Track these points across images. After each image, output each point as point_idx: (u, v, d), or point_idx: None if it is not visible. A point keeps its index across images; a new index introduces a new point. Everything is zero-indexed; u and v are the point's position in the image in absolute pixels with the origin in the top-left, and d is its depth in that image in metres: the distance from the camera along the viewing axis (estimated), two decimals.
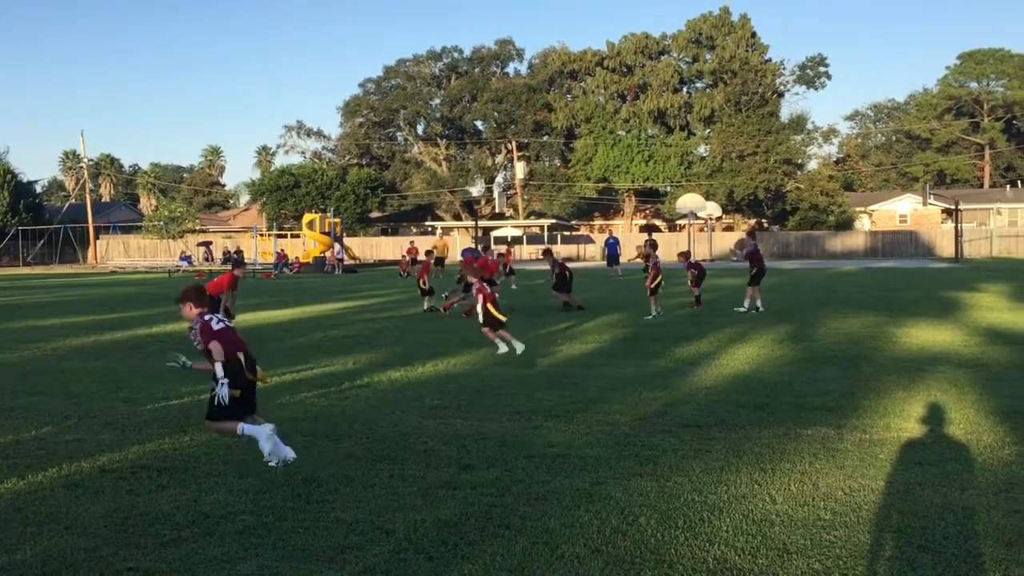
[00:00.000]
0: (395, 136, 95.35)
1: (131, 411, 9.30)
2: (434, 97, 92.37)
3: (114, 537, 5.33)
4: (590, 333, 16.18)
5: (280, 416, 8.84)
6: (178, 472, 6.80)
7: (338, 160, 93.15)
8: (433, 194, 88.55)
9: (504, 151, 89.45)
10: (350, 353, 13.80)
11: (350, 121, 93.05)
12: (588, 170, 78.14)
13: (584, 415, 8.78)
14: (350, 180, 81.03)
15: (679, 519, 5.54)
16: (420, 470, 6.79)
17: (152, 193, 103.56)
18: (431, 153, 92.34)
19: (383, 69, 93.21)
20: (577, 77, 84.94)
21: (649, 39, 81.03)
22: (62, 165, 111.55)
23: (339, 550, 5.07)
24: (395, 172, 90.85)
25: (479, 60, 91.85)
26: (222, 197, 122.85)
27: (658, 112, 78.01)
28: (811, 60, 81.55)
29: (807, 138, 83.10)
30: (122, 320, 20.08)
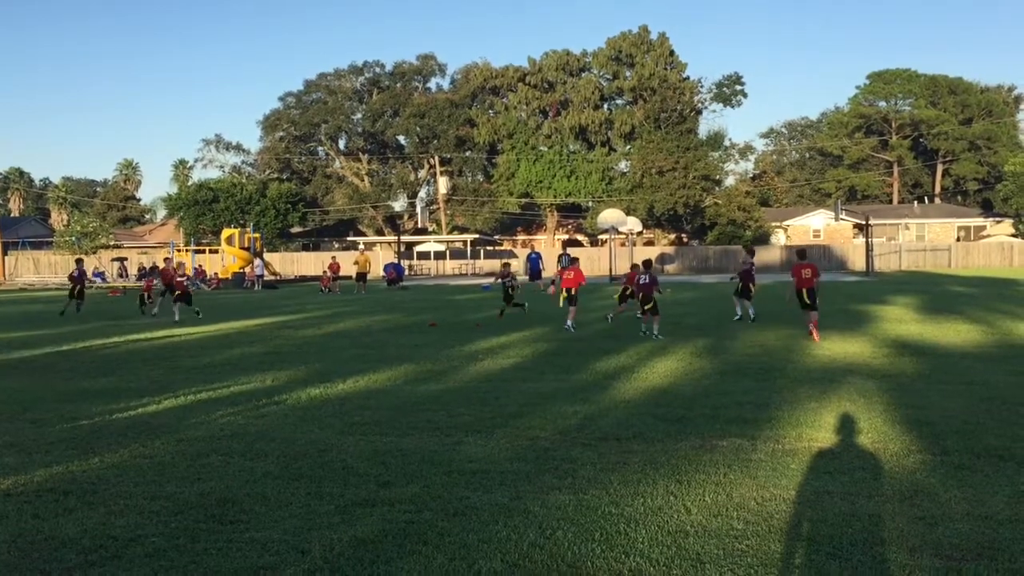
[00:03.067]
0: (316, 151, 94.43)
1: (38, 432, 9.02)
2: (356, 111, 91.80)
3: (17, 563, 5.16)
4: (511, 347, 16.22)
5: (195, 435, 8.68)
6: (86, 495, 6.61)
7: (258, 174, 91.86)
8: (355, 209, 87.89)
9: (427, 166, 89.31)
10: (268, 370, 13.60)
11: (270, 135, 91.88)
12: (511, 185, 78.47)
13: (504, 430, 8.80)
14: (270, 195, 79.96)
15: (596, 532, 5.58)
16: (338, 487, 6.72)
17: (64, 208, 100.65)
18: (353, 168, 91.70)
19: (304, 83, 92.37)
20: (499, 93, 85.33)
21: (570, 56, 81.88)
22: None
23: (253, 571, 5.00)
24: (316, 187, 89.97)
25: (401, 75, 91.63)
26: (138, 212, 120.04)
27: (579, 128, 78.80)
28: (728, 78, 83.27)
29: (724, 155, 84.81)
30: (31, 339, 19.46)
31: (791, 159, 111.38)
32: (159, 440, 8.49)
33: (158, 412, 10.11)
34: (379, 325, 21.88)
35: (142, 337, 19.42)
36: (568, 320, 19.17)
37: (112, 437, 8.70)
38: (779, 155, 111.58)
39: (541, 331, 19.12)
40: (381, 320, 23.39)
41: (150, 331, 20.77)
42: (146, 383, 12.44)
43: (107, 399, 11.02)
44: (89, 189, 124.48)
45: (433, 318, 22.87)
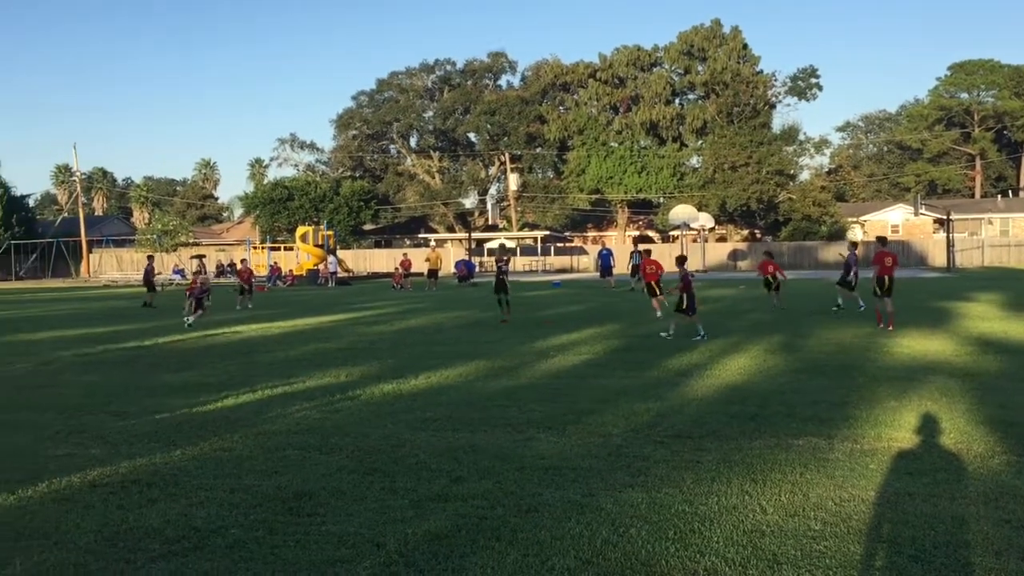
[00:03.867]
0: (388, 148, 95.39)
1: (122, 425, 9.28)
2: (427, 110, 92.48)
3: (104, 552, 5.32)
4: (583, 344, 16.18)
5: (272, 429, 8.84)
6: (168, 486, 6.78)
7: (331, 173, 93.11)
8: (426, 206, 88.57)
9: (497, 163, 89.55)
10: (342, 366, 13.78)
11: (343, 134, 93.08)
12: (581, 181, 78.26)
13: (576, 427, 8.78)
14: (343, 193, 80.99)
15: (670, 530, 5.54)
16: (412, 482, 6.78)
17: (145, 207, 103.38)
18: (424, 165, 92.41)
19: (376, 82, 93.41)
20: (570, 89, 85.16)
21: (641, 51, 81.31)
22: (55, 179, 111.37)
23: (329, 563, 5.07)
24: (388, 184, 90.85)
25: (472, 72, 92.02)
26: (215, 210, 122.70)
27: (650, 124, 78.22)
28: (802, 71, 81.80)
29: (799, 149, 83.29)
30: (114, 334, 20.04)
31: (868, 153, 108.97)
32: (238, 434, 8.66)
33: (236, 406, 10.32)
34: (450, 322, 22.01)
35: (220, 332, 19.84)
36: (657, 312, 18.92)
37: (193, 430, 8.91)
38: (856, 149, 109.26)
39: (612, 328, 19.03)
40: (452, 317, 23.54)
41: (228, 327, 21.21)
42: (224, 377, 12.71)
43: (188, 393, 11.29)
44: (169, 188, 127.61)
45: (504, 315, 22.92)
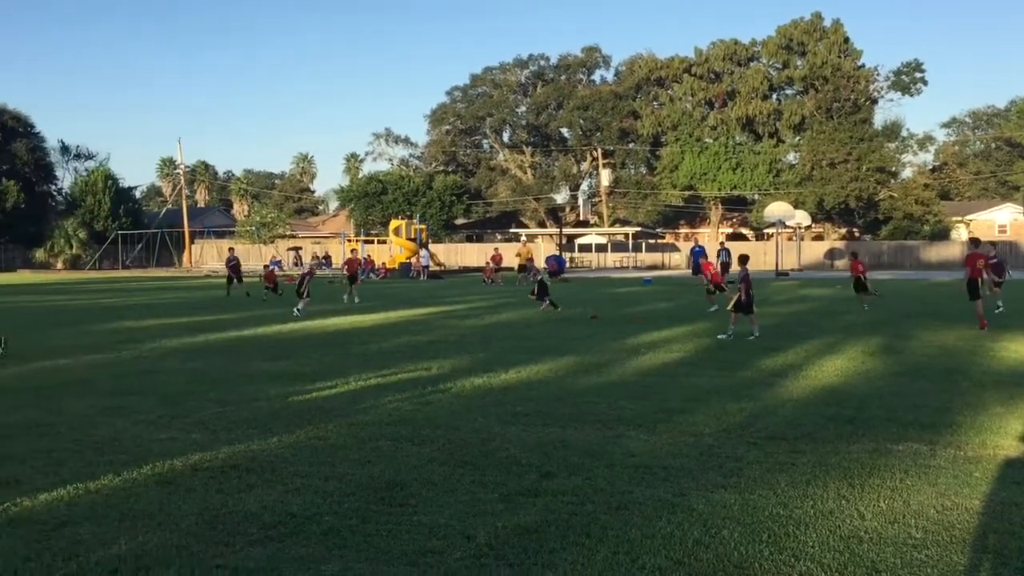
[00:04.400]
0: (481, 143, 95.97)
1: (222, 412, 9.54)
2: (520, 104, 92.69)
3: (204, 534, 5.47)
4: (673, 342, 16.03)
5: (365, 420, 8.98)
6: (266, 472, 6.94)
7: (425, 167, 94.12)
8: (518, 201, 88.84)
9: (589, 158, 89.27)
10: (433, 358, 13.92)
11: (437, 128, 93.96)
12: (674, 178, 77.47)
13: (667, 425, 8.70)
14: (436, 187, 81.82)
15: (764, 533, 5.44)
16: (502, 476, 6.81)
17: (245, 199, 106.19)
18: (516, 160, 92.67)
19: (470, 77, 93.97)
20: (664, 84, 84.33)
21: (738, 45, 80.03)
22: (160, 171, 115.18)
23: (421, 554, 5.12)
24: (480, 179, 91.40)
25: (565, 67, 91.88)
26: (312, 203, 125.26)
27: (746, 119, 76.94)
28: (907, 66, 79.39)
29: (901, 146, 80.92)
30: (215, 322, 20.62)
31: (975, 150, 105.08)
32: (332, 423, 8.83)
33: (331, 396, 10.52)
34: (541, 317, 22.03)
35: (315, 324, 20.24)
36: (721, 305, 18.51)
37: (289, 418, 9.11)
38: (962, 146, 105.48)
39: (704, 326, 18.79)
40: (542, 312, 23.55)
41: (323, 318, 21.63)
42: (319, 367, 12.96)
43: (284, 382, 11.55)
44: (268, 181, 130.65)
45: (595, 311, 22.84)
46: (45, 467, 7.10)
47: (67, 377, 12.04)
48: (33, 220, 73.37)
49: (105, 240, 73.76)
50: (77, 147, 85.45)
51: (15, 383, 11.52)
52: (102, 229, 74.74)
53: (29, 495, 6.26)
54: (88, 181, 78.43)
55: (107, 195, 76.66)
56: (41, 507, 6.02)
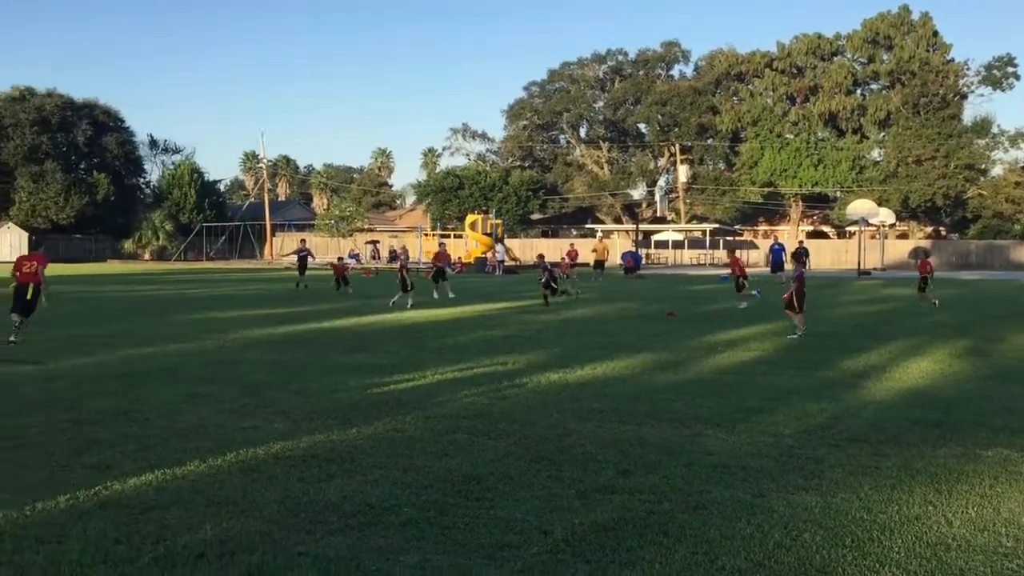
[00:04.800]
0: (557, 139, 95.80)
1: (302, 402, 9.70)
2: (597, 100, 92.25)
3: (286, 522, 5.57)
4: (751, 341, 15.80)
5: (442, 413, 9.05)
6: (345, 463, 7.04)
7: (501, 162, 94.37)
8: (594, 197, 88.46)
9: (667, 154, 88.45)
10: (509, 353, 13.95)
11: (514, 124, 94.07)
12: (753, 174, 76.30)
13: (745, 424, 8.58)
14: (512, 182, 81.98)
15: (847, 537, 5.33)
16: (578, 472, 6.79)
17: (324, 193, 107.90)
18: (593, 156, 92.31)
19: (547, 72, 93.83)
20: (744, 79, 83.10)
21: (822, 39, 78.43)
22: (243, 165, 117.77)
23: (498, 548, 5.14)
24: (557, 174, 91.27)
25: (644, 62, 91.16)
26: (389, 197, 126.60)
27: (829, 115, 75.35)
28: (998, 60, 76.85)
29: (992, 142, 78.31)
30: (294, 314, 20.97)
31: None
32: (409, 415, 8.91)
33: (408, 389, 10.62)
34: (616, 313, 21.95)
35: (391, 317, 20.46)
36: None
37: (367, 410, 9.23)
38: None
39: (783, 325, 18.45)
40: (618, 308, 23.46)
41: (398, 311, 21.86)
42: (396, 360, 13.09)
43: (362, 374, 11.70)
44: (347, 175, 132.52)
45: (671, 308, 22.66)
46: (134, 452, 7.31)
47: (154, 365, 12.38)
48: (122, 212, 75.60)
49: (190, 232, 75.60)
50: (165, 141, 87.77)
51: (106, 370, 11.88)
52: (187, 221, 76.64)
53: (119, 479, 6.45)
54: (175, 174, 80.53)
55: (193, 188, 78.59)
56: (130, 491, 6.20)
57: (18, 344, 14.40)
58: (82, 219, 71.90)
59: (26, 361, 12.52)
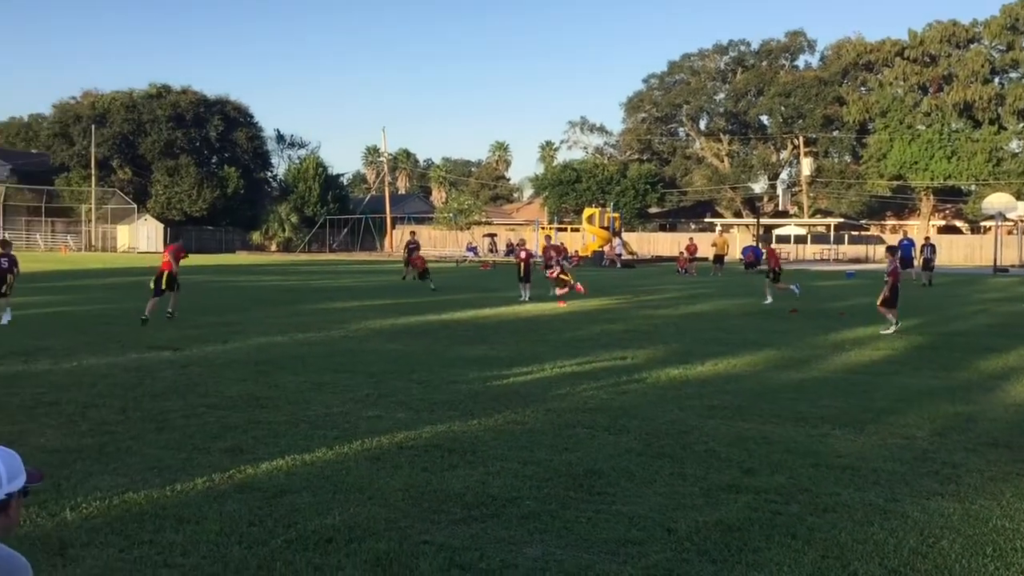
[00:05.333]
0: (677, 131, 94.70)
1: (423, 392, 9.85)
2: (718, 92, 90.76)
3: (411, 510, 5.67)
4: (880, 339, 15.28)
5: (561, 407, 9.05)
6: (466, 454, 7.11)
7: (619, 155, 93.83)
8: (714, 190, 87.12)
9: (790, 147, 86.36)
10: (628, 347, 13.86)
11: (632, 117, 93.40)
12: (881, 167, 73.74)
13: (875, 425, 8.30)
14: (630, 175, 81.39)
15: (987, 546, 5.10)
16: (701, 470, 6.69)
17: (443, 186, 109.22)
18: (713, 148, 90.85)
19: (667, 64, 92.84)
20: (873, 69, 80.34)
21: (957, 27, 75.14)
22: (365, 159, 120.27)
23: (621, 543, 5.11)
24: (675, 168, 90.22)
25: (767, 53, 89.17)
26: (507, 191, 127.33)
27: (964, 105, 72.13)
28: None
29: None
30: (415, 306, 21.32)
31: None
32: (529, 408, 8.94)
33: (527, 382, 10.67)
34: (737, 309, 21.56)
35: (508, 310, 20.59)
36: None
37: (487, 402, 9.31)
38: None
39: (914, 322, 17.80)
40: (739, 304, 23.04)
41: (519, 304, 21.98)
42: (515, 353, 13.16)
43: (481, 366, 11.81)
44: (465, 169, 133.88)
45: (793, 305, 22.11)
46: (265, 438, 7.55)
47: (283, 354, 12.77)
48: (250, 205, 78.31)
49: (314, 224, 77.71)
50: (291, 136, 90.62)
51: (238, 357, 12.32)
52: (312, 214, 78.82)
53: (252, 464, 6.68)
54: (300, 168, 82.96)
55: (317, 182, 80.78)
56: (262, 475, 6.41)
57: (148, 322, 16.16)
58: (213, 211, 74.79)
59: (165, 347, 13.10)
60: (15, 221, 70.77)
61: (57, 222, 73.25)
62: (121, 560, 4.76)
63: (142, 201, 73.98)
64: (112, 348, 13.01)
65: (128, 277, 32.84)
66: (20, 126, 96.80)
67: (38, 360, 11.73)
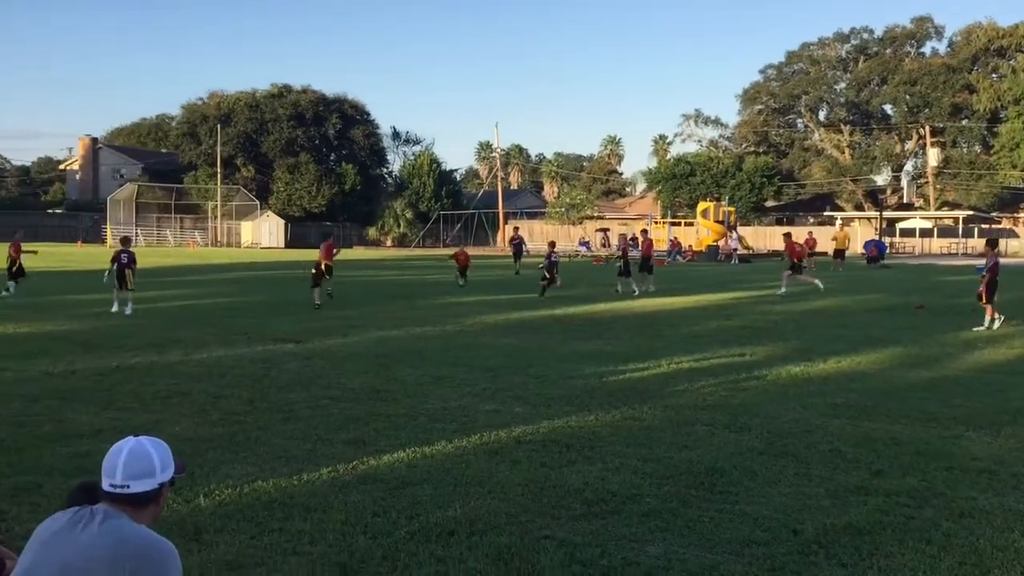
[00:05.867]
0: (795, 123, 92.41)
1: (540, 387, 9.86)
2: (839, 81, 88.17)
3: (530, 505, 5.67)
4: (1016, 337, 14.59)
5: (679, 403, 8.93)
6: (584, 449, 7.08)
7: (734, 148, 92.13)
8: (833, 183, 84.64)
9: (915, 137, 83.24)
10: (746, 344, 13.60)
11: (748, 108, 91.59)
12: (1014, 156, 70.35)
13: (1013, 428, 7.93)
14: (746, 168, 79.82)
15: None
16: (827, 471, 6.51)
17: (555, 181, 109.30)
18: (833, 140, 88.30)
19: (785, 54, 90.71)
20: (1005, 55, 76.75)
21: None
22: (477, 155, 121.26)
23: (745, 544, 5.00)
24: (793, 160, 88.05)
25: (891, 40, 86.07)
26: (619, 185, 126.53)
27: None
28: None
29: None
30: (525, 301, 21.36)
31: None
32: (646, 405, 8.85)
33: (643, 377, 10.57)
34: (859, 305, 20.91)
35: (622, 305, 20.45)
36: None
37: (603, 397, 9.25)
38: None
39: None
40: (861, 300, 22.34)
41: (630, 299, 21.81)
42: (631, 349, 13.06)
43: (597, 361, 11.76)
44: (576, 163, 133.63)
45: (920, 300, 21.31)
46: (386, 430, 7.68)
47: (401, 347, 12.98)
48: (367, 201, 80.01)
49: (428, 220, 78.82)
50: (406, 133, 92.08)
51: (358, 351, 12.58)
52: (426, 209, 79.95)
53: (374, 455, 6.80)
54: (415, 165, 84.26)
55: (431, 178, 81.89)
56: (384, 467, 6.51)
57: (321, 307, 18.75)
58: (331, 207, 76.67)
59: (288, 340, 13.48)
60: (147, 218, 74.06)
61: (185, 218, 76.27)
62: (252, 546, 4.91)
63: (264, 198, 76.34)
64: (239, 340, 13.46)
65: (252, 272, 33.93)
66: (150, 127, 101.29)
67: (170, 351, 12.22)
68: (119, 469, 2.85)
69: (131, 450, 2.89)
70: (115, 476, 2.85)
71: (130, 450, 2.88)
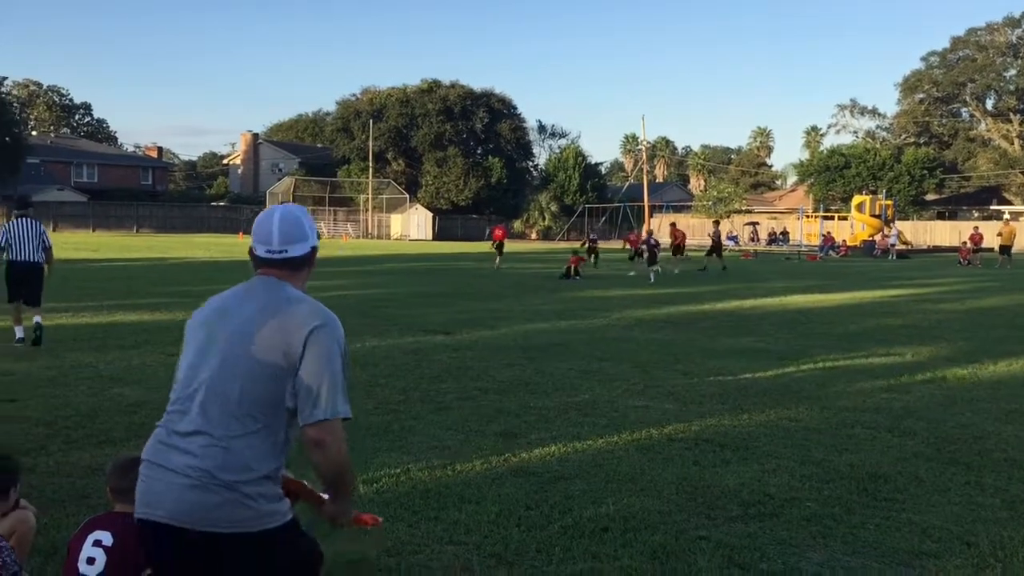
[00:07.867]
0: (959, 112, 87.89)
1: (689, 384, 9.70)
2: (1009, 68, 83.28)
3: (685, 504, 5.58)
4: None
5: (837, 404, 8.63)
6: (739, 449, 6.92)
7: (892, 139, 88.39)
8: (1001, 175, 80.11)
9: None
10: (907, 344, 13.02)
11: (908, 98, 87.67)
12: None
13: None
14: (905, 160, 76.47)
15: None
16: (1001, 480, 6.15)
17: (701, 174, 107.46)
18: (1001, 130, 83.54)
19: (950, 40, 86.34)
20: None
21: None
22: (623, 148, 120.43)
23: (914, 555, 4.78)
24: (957, 151, 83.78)
25: None
26: (768, 178, 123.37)
27: None
28: None
29: None
30: (673, 295, 21.09)
31: None
32: (802, 405, 8.58)
33: (798, 376, 10.25)
34: None
35: (773, 301, 19.91)
36: None
37: (757, 396, 9.02)
38: None
39: None
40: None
41: (782, 295, 21.23)
42: (783, 346, 12.71)
43: (748, 358, 11.48)
44: (724, 156, 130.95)
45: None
46: (536, 423, 7.71)
47: (548, 340, 13.00)
48: (513, 194, 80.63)
49: (573, 213, 78.81)
50: (552, 126, 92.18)
51: (506, 343, 12.69)
52: (571, 202, 79.96)
53: (525, 448, 6.84)
54: (560, 158, 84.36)
55: (576, 171, 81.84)
56: (536, 460, 6.53)
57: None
58: (478, 200, 77.65)
59: (438, 331, 13.73)
60: None
61: (339, 211, 78.69)
62: (410, 535, 5.00)
63: (413, 191, 77.99)
64: (391, 331, 13.77)
65: (402, 263, 34.76)
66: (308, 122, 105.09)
67: None
68: (275, 235, 2.90)
69: (282, 216, 2.94)
70: (272, 242, 2.90)
71: (281, 216, 2.93)
